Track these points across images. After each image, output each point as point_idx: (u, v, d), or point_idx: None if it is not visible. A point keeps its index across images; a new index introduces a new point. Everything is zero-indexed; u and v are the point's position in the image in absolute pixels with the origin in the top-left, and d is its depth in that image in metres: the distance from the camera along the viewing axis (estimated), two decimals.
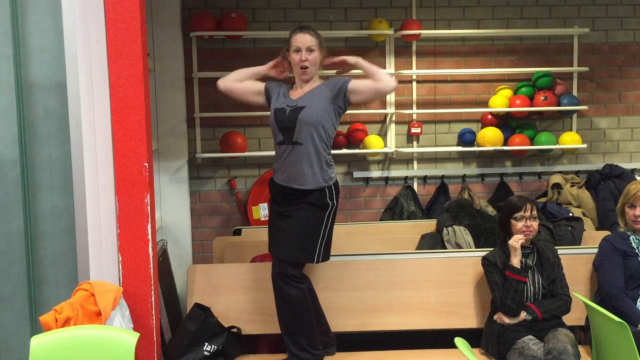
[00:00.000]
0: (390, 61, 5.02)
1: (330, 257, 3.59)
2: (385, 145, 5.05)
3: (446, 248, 4.19)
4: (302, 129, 3.17)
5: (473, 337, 3.11)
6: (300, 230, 3.21)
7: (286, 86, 3.38)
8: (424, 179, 5.16)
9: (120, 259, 2.92)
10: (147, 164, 2.90)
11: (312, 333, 3.27)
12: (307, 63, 3.22)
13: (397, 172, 5.13)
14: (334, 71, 3.46)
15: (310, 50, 3.22)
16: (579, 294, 3.28)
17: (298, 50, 3.23)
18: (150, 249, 2.93)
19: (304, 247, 3.22)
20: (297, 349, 3.24)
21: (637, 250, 3.44)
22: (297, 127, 3.18)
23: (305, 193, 3.21)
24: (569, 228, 4.32)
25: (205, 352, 3.33)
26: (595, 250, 3.60)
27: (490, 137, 4.94)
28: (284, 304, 3.23)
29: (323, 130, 3.21)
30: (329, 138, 3.26)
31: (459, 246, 4.18)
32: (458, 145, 5.15)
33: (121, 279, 2.92)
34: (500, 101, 4.97)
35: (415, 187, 5.13)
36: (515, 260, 3.31)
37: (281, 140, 3.25)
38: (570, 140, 5.02)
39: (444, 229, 4.30)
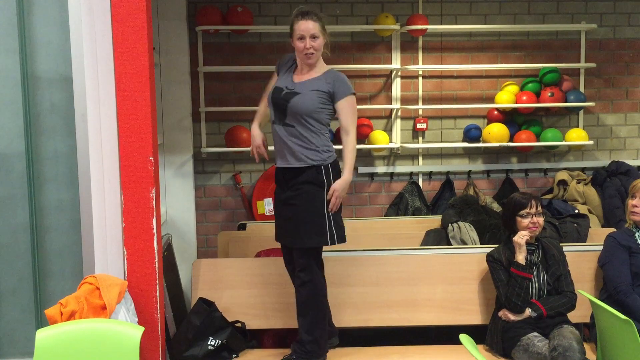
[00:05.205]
0: (396, 56, 5.00)
1: (335, 253, 3.59)
2: (391, 141, 5.04)
3: (451, 244, 4.18)
4: (292, 114, 3.21)
5: (478, 333, 3.10)
6: (306, 215, 3.23)
7: (296, 63, 3.36)
8: (429, 175, 5.14)
9: (125, 252, 2.92)
10: (152, 158, 2.90)
11: (324, 324, 3.31)
12: (312, 50, 3.22)
13: (402, 167, 5.11)
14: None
15: (314, 37, 3.21)
16: (585, 291, 3.27)
17: (302, 37, 3.22)
18: (155, 243, 2.93)
19: (314, 231, 3.23)
20: (307, 335, 3.25)
21: None
22: (287, 111, 3.22)
23: (300, 171, 3.23)
24: (575, 225, 4.30)
25: (210, 347, 3.34)
26: (601, 248, 3.59)
27: (496, 133, 4.92)
28: (306, 287, 3.25)
29: (314, 119, 3.23)
30: (323, 124, 3.27)
31: (464, 242, 4.17)
32: (464, 141, 5.14)
33: (126, 272, 2.93)
34: (507, 97, 4.95)
35: (420, 182, 5.12)
36: (520, 257, 3.30)
37: (274, 119, 3.30)
38: (576, 136, 5.00)
39: (449, 225, 4.29)
